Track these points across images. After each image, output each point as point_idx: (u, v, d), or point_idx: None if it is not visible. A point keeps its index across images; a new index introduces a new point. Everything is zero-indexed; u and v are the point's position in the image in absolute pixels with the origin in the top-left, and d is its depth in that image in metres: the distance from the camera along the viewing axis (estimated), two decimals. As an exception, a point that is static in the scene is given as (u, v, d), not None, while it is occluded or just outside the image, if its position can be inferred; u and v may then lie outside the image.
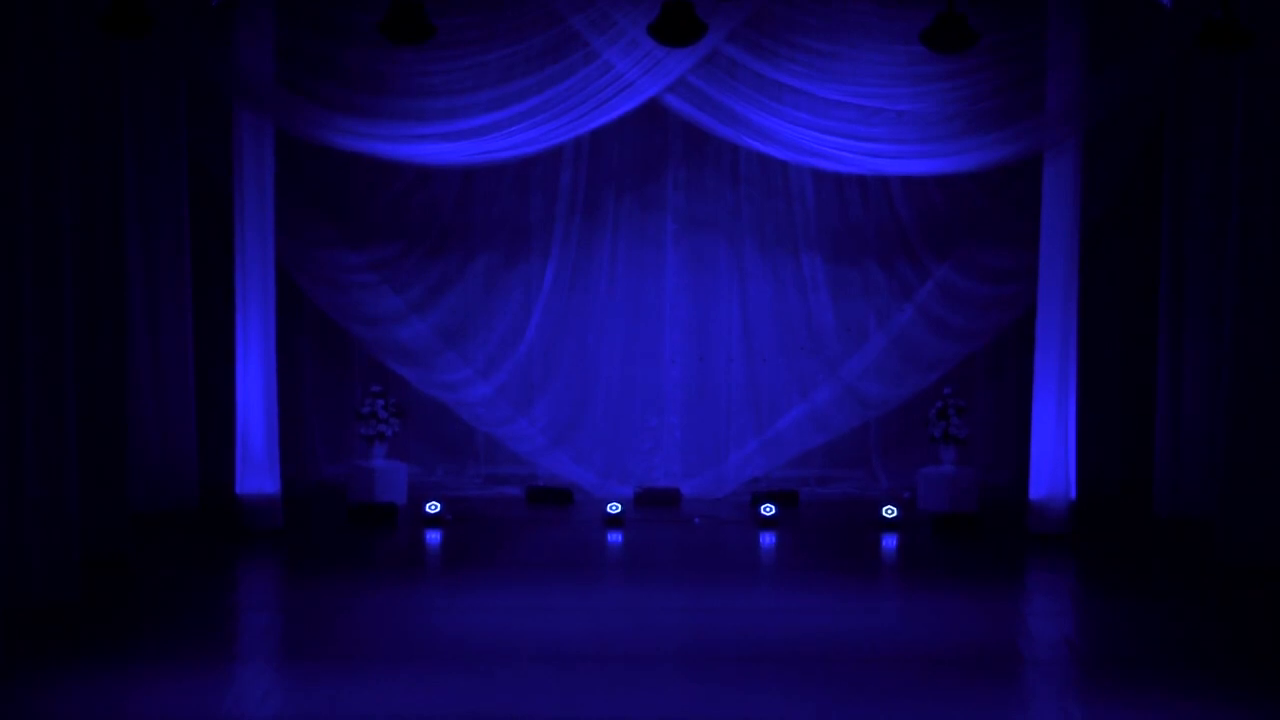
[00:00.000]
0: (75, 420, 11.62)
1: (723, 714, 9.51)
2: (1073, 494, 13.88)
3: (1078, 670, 10.46)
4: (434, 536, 13.89)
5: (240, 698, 9.75)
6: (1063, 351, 13.79)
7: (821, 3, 13.92)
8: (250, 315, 13.79)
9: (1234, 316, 12.90)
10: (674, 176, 15.39)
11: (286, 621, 11.74)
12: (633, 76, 13.79)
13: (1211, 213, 14.01)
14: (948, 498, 14.45)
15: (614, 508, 14.28)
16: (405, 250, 15.09)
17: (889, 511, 14.12)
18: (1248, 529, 12.63)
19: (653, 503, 14.92)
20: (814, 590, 12.29)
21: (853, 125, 14.03)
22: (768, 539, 13.87)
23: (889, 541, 13.82)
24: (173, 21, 12.78)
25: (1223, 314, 13.51)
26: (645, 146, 15.27)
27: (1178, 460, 14.34)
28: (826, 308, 15.29)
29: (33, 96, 11.19)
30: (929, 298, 15.02)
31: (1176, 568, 12.91)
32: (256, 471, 13.87)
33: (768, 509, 14.22)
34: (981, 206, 14.84)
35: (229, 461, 14.02)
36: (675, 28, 12.08)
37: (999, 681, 10.16)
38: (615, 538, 13.88)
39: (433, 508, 14.19)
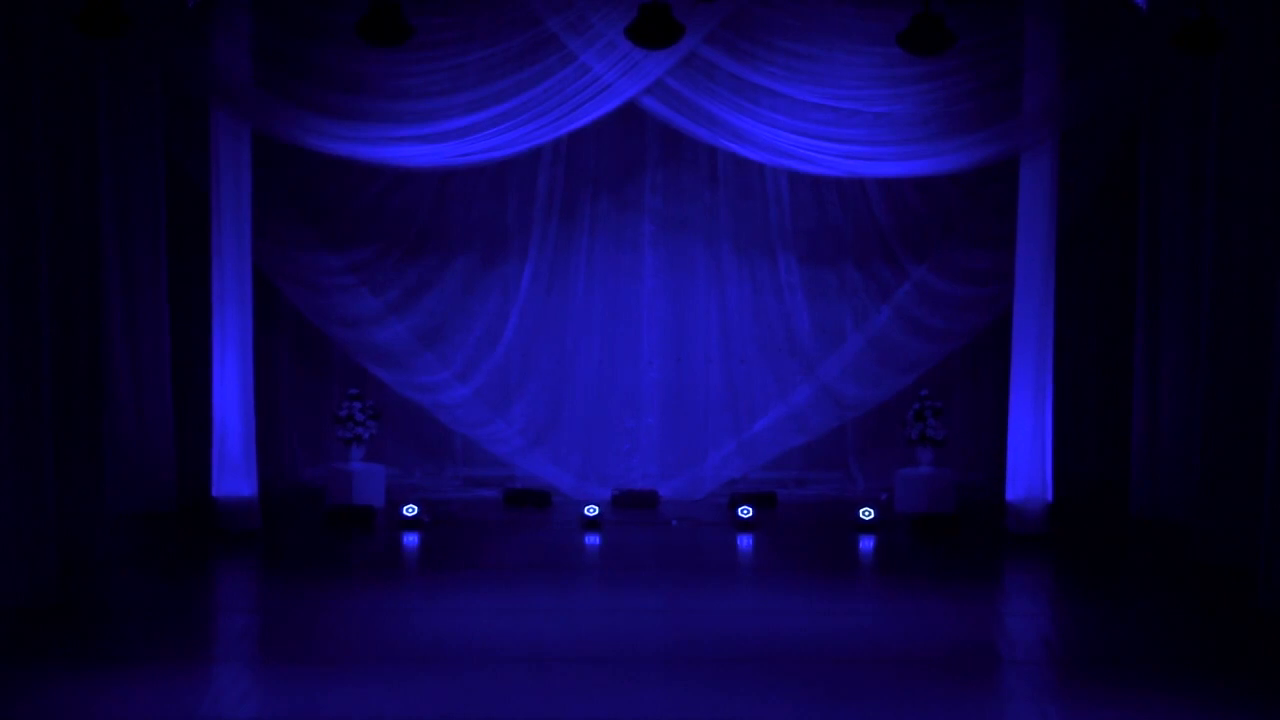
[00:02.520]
0: (52, 422, 11.59)
1: (703, 715, 9.52)
2: (1050, 495, 13.91)
3: (1055, 670, 10.50)
4: (412, 539, 13.87)
5: (218, 699, 9.75)
6: (1039, 352, 13.83)
7: (801, 4, 13.91)
8: (227, 317, 13.77)
9: (1210, 317, 12.95)
10: (651, 179, 15.38)
11: (264, 623, 11.72)
12: (610, 79, 13.77)
13: (1187, 214, 14.04)
14: (925, 499, 14.48)
15: (592, 510, 14.27)
16: (383, 252, 15.07)
17: (866, 513, 14.13)
18: (1224, 529, 12.66)
19: (630, 505, 14.91)
20: (793, 592, 12.31)
21: (830, 127, 14.02)
22: (746, 541, 13.87)
23: (867, 543, 13.83)
24: (149, 21, 12.74)
25: (1199, 315, 13.56)
26: (623, 149, 15.26)
27: (1154, 461, 14.37)
28: (804, 309, 15.30)
29: (7, 97, 11.16)
30: (906, 299, 15.04)
31: (1153, 568, 12.95)
32: (233, 473, 13.84)
33: (746, 511, 14.23)
34: (959, 208, 14.86)
35: (207, 463, 13.99)
36: (652, 30, 12.10)
37: (977, 682, 10.20)
38: (593, 540, 13.87)
39: (410, 510, 14.18)
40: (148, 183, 14.21)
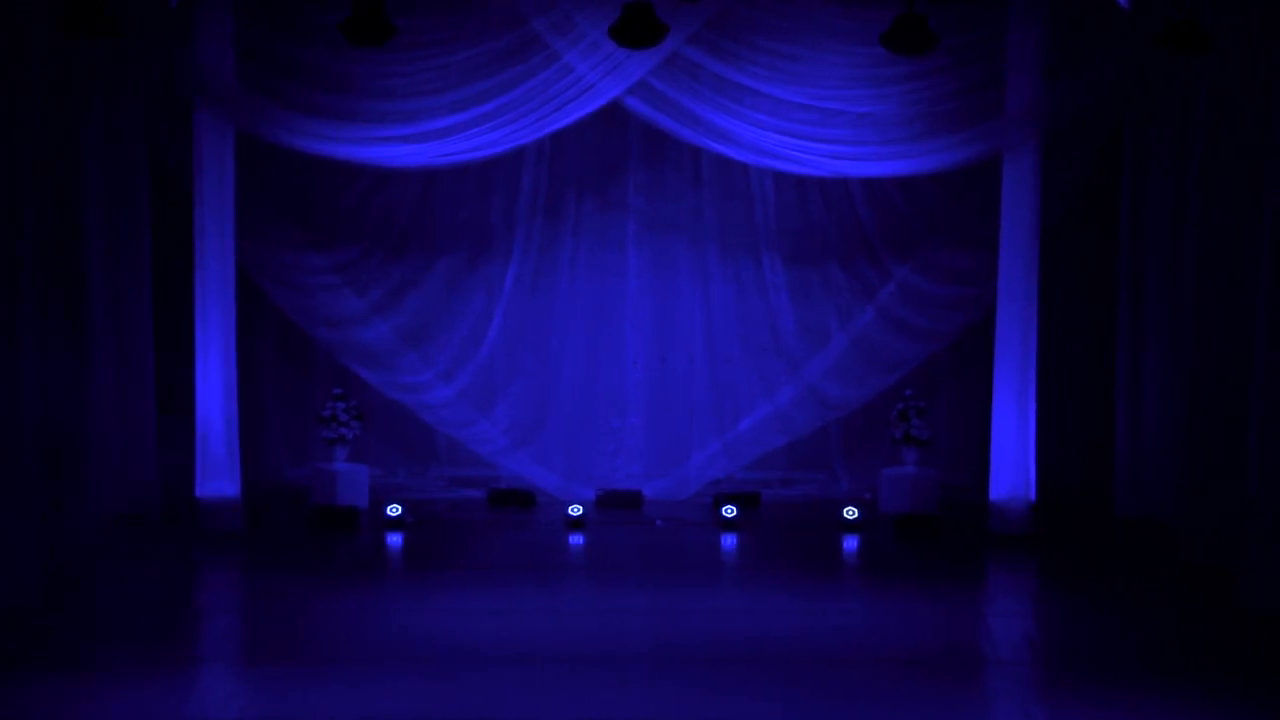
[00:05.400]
0: (35, 422, 11.56)
1: (690, 715, 9.53)
2: (1033, 495, 13.92)
3: (1039, 670, 10.52)
4: (396, 539, 13.86)
5: (203, 701, 9.74)
6: (1023, 352, 13.84)
7: (785, 4, 13.91)
8: (210, 317, 13.75)
9: (1193, 317, 12.98)
10: (635, 179, 15.37)
11: (248, 624, 11.70)
12: (594, 79, 13.77)
13: (1171, 215, 14.05)
14: (909, 499, 14.49)
15: (576, 510, 14.27)
16: (367, 252, 15.05)
17: (851, 513, 14.15)
18: (1208, 529, 12.69)
19: (615, 504, 14.91)
20: (778, 592, 12.31)
21: (814, 127, 14.03)
22: (730, 541, 13.88)
23: (851, 543, 13.85)
24: (133, 22, 12.71)
25: (1182, 315, 13.58)
26: (606, 149, 15.25)
27: (1138, 461, 14.39)
28: (788, 309, 15.30)
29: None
30: (890, 299, 15.04)
31: (1137, 568, 12.97)
32: (216, 474, 13.82)
33: (730, 510, 14.24)
34: (942, 208, 14.86)
35: (190, 463, 13.96)
36: (636, 30, 12.12)
37: (961, 681, 10.21)
38: (578, 540, 13.87)
39: (394, 510, 14.17)
40: (132, 182, 14.16)
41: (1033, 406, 13.88)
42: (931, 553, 13.56)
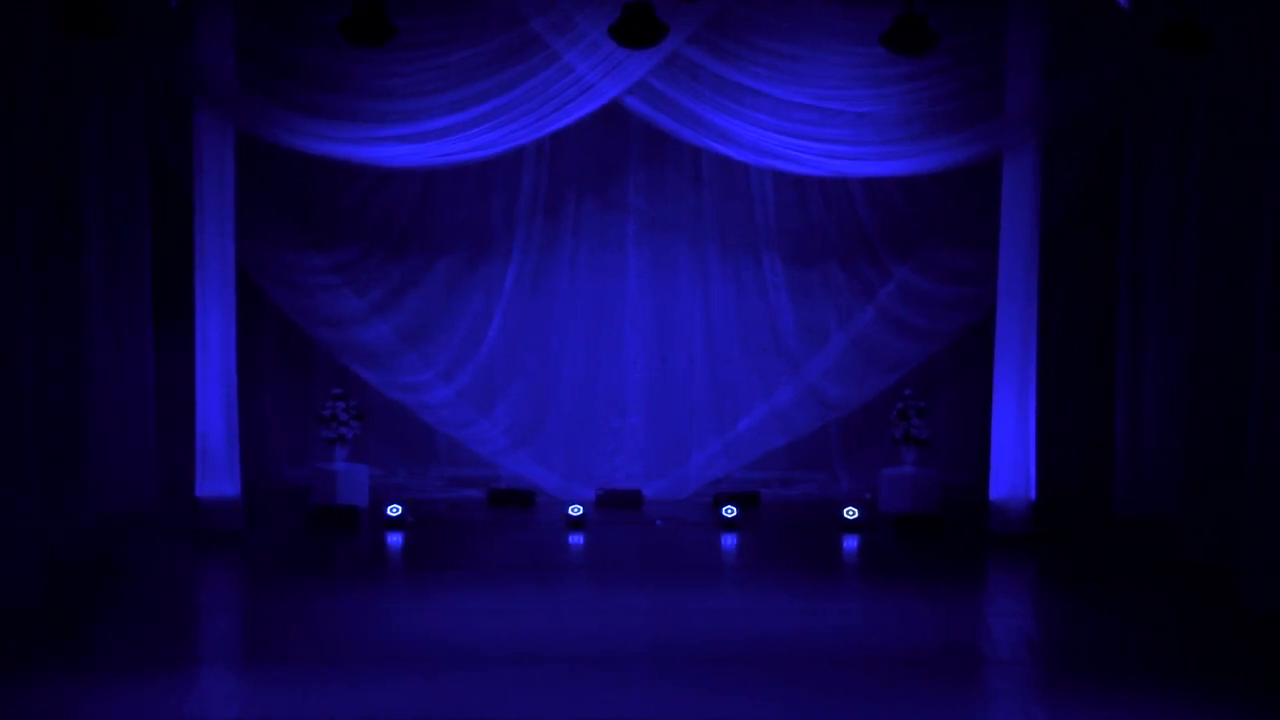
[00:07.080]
0: (34, 422, 11.56)
1: (689, 715, 9.53)
2: (1033, 495, 13.92)
3: (1039, 670, 10.52)
4: (396, 539, 13.86)
5: (202, 701, 9.74)
6: (1023, 352, 13.84)
7: (785, 3, 13.91)
8: (210, 316, 13.75)
9: (1193, 317, 12.98)
10: (635, 179, 15.36)
11: (248, 624, 11.70)
12: (593, 79, 13.76)
13: (1171, 214, 14.05)
14: (909, 499, 14.49)
15: (576, 510, 14.27)
16: (367, 252, 15.05)
17: (851, 513, 14.14)
18: (1208, 529, 12.68)
19: (615, 504, 14.90)
20: (778, 592, 12.31)
21: (813, 127, 14.02)
22: (730, 540, 13.88)
23: (851, 543, 13.84)
24: (132, 22, 12.71)
25: (1182, 314, 13.58)
26: (606, 149, 15.24)
27: (1138, 461, 14.38)
28: (788, 309, 15.30)
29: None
30: (890, 299, 15.04)
31: (1137, 568, 12.96)
32: (216, 473, 13.81)
33: (730, 510, 14.24)
34: (942, 208, 14.86)
35: (190, 463, 13.95)
36: (636, 30, 12.12)
37: (961, 681, 10.22)
38: (578, 540, 13.87)
39: (394, 510, 14.17)
40: (132, 181, 14.16)
41: (1033, 406, 13.88)
42: (931, 553, 13.56)
